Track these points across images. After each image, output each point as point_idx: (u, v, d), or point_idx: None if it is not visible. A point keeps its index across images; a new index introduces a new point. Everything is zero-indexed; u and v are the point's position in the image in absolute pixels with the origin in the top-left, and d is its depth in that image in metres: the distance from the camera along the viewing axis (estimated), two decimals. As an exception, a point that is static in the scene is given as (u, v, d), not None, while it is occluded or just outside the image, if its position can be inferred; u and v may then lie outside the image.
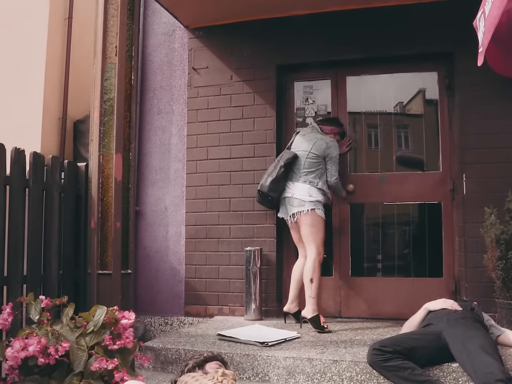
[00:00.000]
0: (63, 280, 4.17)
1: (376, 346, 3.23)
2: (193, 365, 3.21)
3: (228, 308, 5.33)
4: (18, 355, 2.90)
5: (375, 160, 5.33)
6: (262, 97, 5.40)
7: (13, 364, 2.92)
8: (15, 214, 3.72)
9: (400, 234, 5.31)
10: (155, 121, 5.79)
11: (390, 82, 5.34)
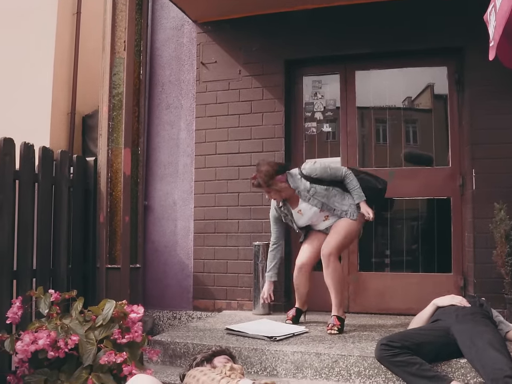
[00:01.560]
0: (72, 274, 4.19)
1: (384, 342, 3.23)
2: (201, 359, 3.22)
3: (236, 302, 5.33)
4: (28, 348, 2.92)
5: (384, 155, 5.32)
6: (271, 91, 5.39)
7: (23, 357, 2.94)
8: (24, 209, 3.73)
9: (409, 230, 5.30)
10: (164, 116, 5.79)
11: (399, 77, 5.32)
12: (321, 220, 4.44)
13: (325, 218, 4.42)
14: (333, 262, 4.25)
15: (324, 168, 4.34)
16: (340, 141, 5.36)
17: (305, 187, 4.33)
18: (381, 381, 3.44)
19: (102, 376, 2.96)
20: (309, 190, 4.32)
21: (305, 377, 3.61)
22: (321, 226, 4.47)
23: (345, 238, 4.31)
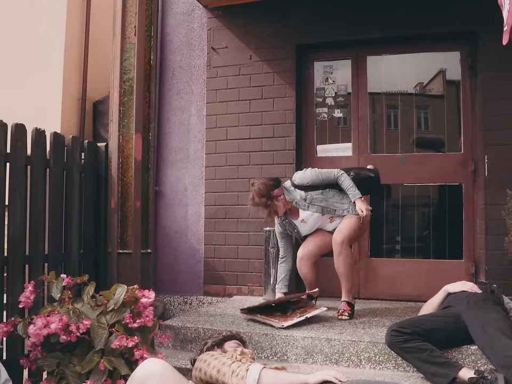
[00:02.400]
0: (84, 259, 4.21)
1: (394, 328, 3.23)
2: (212, 344, 3.24)
3: (246, 288, 5.35)
4: (41, 332, 2.94)
5: (395, 141, 5.29)
6: (282, 77, 5.36)
7: (36, 340, 2.97)
8: (36, 194, 3.75)
9: (420, 216, 5.28)
10: (174, 102, 5.79)
11: (410, 62, 5.28)
12: (327, 222, 4.46)
13: (330, 220, 4.43)
14: (345, 249, 4.23)
15: (315, 175, 4.35)
16: (351, 126, 5.34)
17: (301, 196, 4.35)
18: (391, 366, 3.45)
19: (114, 360, 2.98)
20: (305, 198, 4.34)
21: (316, 363, 3.63)
22: (329, 227, 4.47)
23: (354, 231, 4.29)
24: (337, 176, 4.31)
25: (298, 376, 2.81)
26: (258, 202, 4.25)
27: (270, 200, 4.25)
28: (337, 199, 4.35)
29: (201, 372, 2.93)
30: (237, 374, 2.76)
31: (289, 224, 4.50)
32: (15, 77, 7.92)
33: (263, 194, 4.24)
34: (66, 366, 3.02)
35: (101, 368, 2.94)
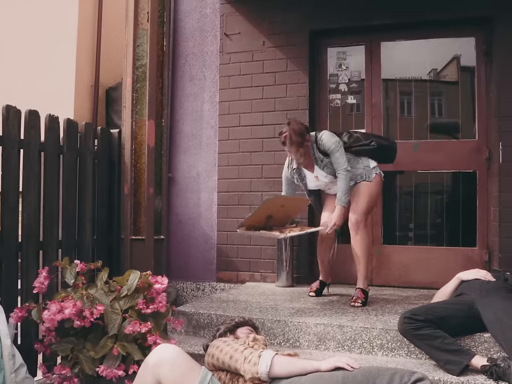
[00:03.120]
0: (97, 245, 4.23)
1: (407, 315, 3.22)
2: (224, 330, 3.25)
3: (259, 274, 5.36)
4: (55, 317, 2.96)
5: (409, 127, 5.26)
6: (295, 63, 5.34)
7: (50, 326, 2.99)
8: (49, 180, 3.76)
9: (434, 203, 5.25)
10: (187, 88, 5.78)
11: (424, 48, 5.24)
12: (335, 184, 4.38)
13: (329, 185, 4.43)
14: (362, 229, 4.25)
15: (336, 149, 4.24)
16: (365, 113, 5.32)
17: (318, 156, 4.31)
18: (403, 353, 3.45)
19: (127, 345, 3.00)
20: (322, 159, 4.30)
21: (328, 349, 3.63)
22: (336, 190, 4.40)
23: (368, 203, 4.30)
24: (340, 171, 4.23)
25: (311, 362, 2.81)
26: (295, 140, 4.16)
27: (305, 141, 4.22)
28: (352, 164, 4.32)
29: (214, 358, 2.95)
30: (249, 361, 2.77)
31: (299, 175, 4.45)
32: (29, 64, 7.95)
33: (301, 133, 4.19)
34: (80, 351, 3.04)
35: (115, 353, 2.96)
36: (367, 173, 4.32)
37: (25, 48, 8.02)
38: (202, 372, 2.59)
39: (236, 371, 2.83)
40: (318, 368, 2.72)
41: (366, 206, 4.29)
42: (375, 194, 4.38)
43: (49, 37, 7.92)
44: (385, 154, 4.47)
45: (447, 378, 3.01)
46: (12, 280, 3.45)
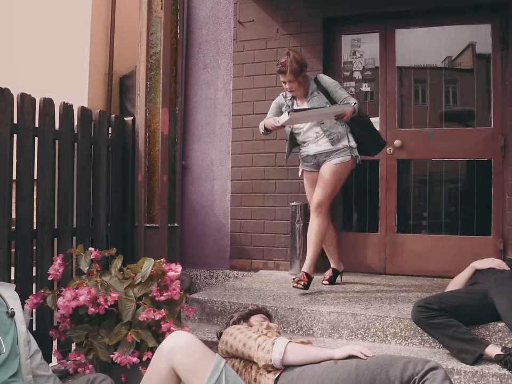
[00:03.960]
0: (111, 233, 4.25)
1: (421, 304, 3.21)
2: (238, 318, 3.25)
3: (272, 262, 5.37)
4: (70, 304, 2.98)
5: (423, 115, 5.22)
6: (309, 50, 5.31)
7: (65, 312, 3.01)
8: (64, 168, 3.78)
9: (448, 192, 5.22)
10: (201, 76, 5.77)
11: (439, 35, 5.19)
12: (312, 136, 4.37)
13: (316, 135, 4.35)
14: (323, 214, 4.28)
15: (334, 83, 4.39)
16: (379, 101, 5.28)
17: (312, 88, 4.36)
18: (417, 342, 3.44)
19: (141, 332, 3.01)
20: (313, 92, 4.34)
21: (341, 337, 3.63)
22: (311, 149, 4.38)
23: (336, 186, 4.30)
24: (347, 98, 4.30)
25: (324, 350, 2.82)
26: (295, 68, 4.19)
27: (303, 71, 4.27)
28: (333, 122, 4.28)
29: (227, 345, 2.96)
30: (263, 348, 2.77)
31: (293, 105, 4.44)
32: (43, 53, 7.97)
33: (301, 62, 4.25)
34: (95, 338, 3.06)
35: (129, 340, 2.98)
36: (344, 151, 4.29)
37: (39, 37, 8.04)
38: (216, 359, 2.59)
39: (250, 358, 2.84)
40: (331, 356, 2.72)
41: (333, 189, 4.29)
42: (343, 179, 4.36)
43: (63, 25, 7.93)
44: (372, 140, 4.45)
45: (460, 368, 3.01)
46: (27, 267, 3.48)
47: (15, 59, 8.11)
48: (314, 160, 4.39)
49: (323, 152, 4.32)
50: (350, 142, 4.30)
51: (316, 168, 4.41)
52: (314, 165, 4.42)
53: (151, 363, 2.68)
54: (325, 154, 4.31)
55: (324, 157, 4.32)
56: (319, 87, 4.36)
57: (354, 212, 5.43)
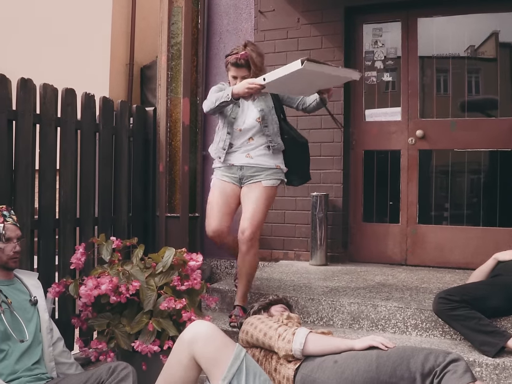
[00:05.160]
0: (133, 222, 4.28)
1: (442, 295, 3.20)
2: (258, 308, 3.27)
3: (293, 253, 5.36)
4: (91, 293, 3.00)
5: (446, 105, 5.17)
6: (330, 40, 5.27)
7: (87, 301, 3.04)
8: (86, 158, 3.81)
9: (470, 182, 5.17)
10: (222, 65, 5.74)
11: (462, 24, 5.11)
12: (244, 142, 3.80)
13: (250, 142, 3.79)
14: (255, 245, 3.74)
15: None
16: (401, 90, 5.23)
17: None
18: (438, 334, 3.43)
19: (162, 321, 3.03)
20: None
21: (362, 328, 3.63)
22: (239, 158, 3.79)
23: (266, 213, 3.80)
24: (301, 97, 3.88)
25: (345, 341, 2.82)
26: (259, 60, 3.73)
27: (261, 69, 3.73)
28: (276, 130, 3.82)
29: (248, 335, 2.97)
30: (283, 338, 2.78)
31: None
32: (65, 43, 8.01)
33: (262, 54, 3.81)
34: (116, 326, 3.08)
35: (150, 329, 3.00)
36: (276, 172, 3.79)
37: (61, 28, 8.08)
38: (237, 348, 2.60)
39: (270, 348, 2.86)
40: (352, 346, 2.72)
41: (264, 216, 3.78)
42: (270, 206, 3.86)
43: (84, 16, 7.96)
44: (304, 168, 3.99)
45: (482, 360, 2.99)
46: (50, 256, 3.52)
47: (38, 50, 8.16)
48: (240, 172, 3.79)
49: (254, 166, 3.77)
50: (282, 163, 3.84)
51: (237, 183, 3.83)
52: (236, 178, 3.82)
53: (172, 352, 2.70)
54: (254, 169, 3.76)
55: (252, 172, 3.77)
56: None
57: (375, 202, 5.40)
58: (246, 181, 3.79)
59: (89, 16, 7.96)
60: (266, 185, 3.74)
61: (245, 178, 3.78)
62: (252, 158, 3.76)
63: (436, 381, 2.41)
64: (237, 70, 3.72)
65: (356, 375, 2.56)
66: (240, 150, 3.79)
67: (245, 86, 3.46)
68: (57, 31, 8.09)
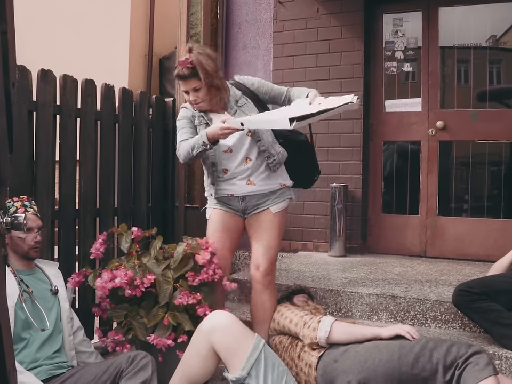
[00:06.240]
0: (152, 213, 4.30)
1: (462, 287, 3.17)
2: (281, 297, 3.28)
3: (311, 244, 5.35)
4: (106, 286, 3.01)
5: (467, 96, 5.12)
6: (350, 30, 5.23)
7: (102, 293, 3.06)
8: (105, 148, 3.83)
9: (491, 174, 5.12)
10: (240, 56, 5.74)
11: (484, 13, 5.03)
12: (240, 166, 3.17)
13: (246, 161, 3.18)
14: (272, 283, 3.27)
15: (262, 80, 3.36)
16: (421, 81, 5.19)
17: (234, 95, 3.22)
18: (457, 326, 3.41)
19: (178, 315, 3.01)
20: (238, 100, 3.21)
21: (380, 320, 3.62)
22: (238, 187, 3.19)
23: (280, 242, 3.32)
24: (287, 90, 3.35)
25: (371, 329, 2.82)
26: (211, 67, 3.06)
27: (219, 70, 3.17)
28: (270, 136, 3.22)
29: (275, 322, 3.00)
30: (309, 326, 2.81)
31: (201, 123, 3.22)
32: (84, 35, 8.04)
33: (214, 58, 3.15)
34: (134, 318, 3.09)
35: (165, 323, 3.00)
36: (282, 193, 3.26)
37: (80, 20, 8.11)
38: (256, 338, 2.62)
39: (296, 335, 2.89)
40: (378, 334, 2.72)
41: (278, 246, 3.29)
42: (284, 231, 3.36)
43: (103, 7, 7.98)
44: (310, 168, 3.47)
45: (502, 353, 2.98)
46: (70, 246, 3.55)
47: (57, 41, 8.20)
48: (242, 204, 3.23)
49: (257, 193, 3.19)
50: (287, 179, 3.30)
51: (240, 214, 3.29)
52: (239, 209, 3.27)
53: (191, 342, 2.72)
54: (259, 196, 3.20)
55: (257, 200, 3.21)
56: (245, 92, 3.25)
57: (394, 194, 5.37)
58: (251, 211, 3.24)
59: (108, 7, 7.98)
60: (276, 210, 3.21)
61: (250, 208, 3.24)
62: (255, 185, 3.18)
63: (458, 373, 2.41)
64: (185, 83, 3.09)
65: (378, 365, 2.57)
66: (238, 176, 3.17)
67: (218, 132, 2.90)
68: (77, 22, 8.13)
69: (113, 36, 7.96)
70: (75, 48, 7.97)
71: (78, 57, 7.69)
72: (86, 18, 8.06)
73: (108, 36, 7.94)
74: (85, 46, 7.94)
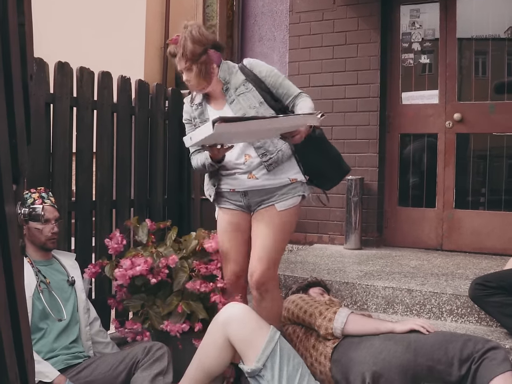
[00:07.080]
0: (168, 205, 4.31)
1: (479, 281, 3.15)
2: (297, 289, 3.29)
3: (327, 236, 5.34)
4: (127, 273, 3.03)
5: (484, 88, 5.07)
6: (366, 22, 5.20)
7: (123, 282, 3.07)
8: (122, 140, 3.84)
9: (508, 167, 5.07)
10: (256, 48, 5.73)
11: (503, 4, 4.97)
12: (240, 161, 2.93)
13: (246, 160, 2.92)
14: (270, 290, 2.93)
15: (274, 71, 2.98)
16: (438, 73, 5.14)
17: (236, 82, 2.94)
18: (473, 320, 3.39)
19: (192, 303, 3.03)
20: (238, 87, 2.92)
21: (396, 313, 3.61)
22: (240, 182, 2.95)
23: (284, 243, 3.02)
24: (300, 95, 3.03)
25: (385, 323, 2.82)
26: (191, 49, 2.82)
27: (204, 54, 2.85)
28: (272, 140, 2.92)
29: (289, 312, 3.00)
30: (325, 317, 2.81)
31: (201, 114, 3.04)
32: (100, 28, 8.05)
33: (199, 40, 2.83)
34: (150, 307, 3.11)
35: (179, 310, 3.01)
36: (293, 188, 2.95)
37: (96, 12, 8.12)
38: (271, 330, 2.62)
39: (310, 325, 2.89)
40: (392, 329, 2.72)
41: (280, 250, 2.98)
42: (292, 231, 3.06)
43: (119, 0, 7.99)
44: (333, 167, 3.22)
45: (519, 347, 2.96)
46: (87, 238, 3.57)
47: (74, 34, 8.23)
48: (245, 200, 2.97)
49: (261, 189, 2.92)
50: (298, 174, 2.99)
51: (246, 210, 3.02)
52: (242, 205, 3.01)
53: (207, 332, 2.73)
54: (263, 192, 2.92)
55: (261, 196, 2.93)
56: (250, 78, 2.92)
57: (411, 186, 5.34)
58: (256, 207, 2.96)
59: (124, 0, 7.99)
60: (282, 208, 2.89)
61: (254, 205, 2.96)
62: (258, 179, 2.91)
63: (474, 367, 2.40)
64: (178, 63, 2.94)
65: (393, 357, 2.56)
66: (239, 169, 2.94)
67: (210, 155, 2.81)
68: (93, 15, 8.14)
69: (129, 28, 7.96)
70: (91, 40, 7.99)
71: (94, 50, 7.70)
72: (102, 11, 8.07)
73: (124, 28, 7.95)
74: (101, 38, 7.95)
